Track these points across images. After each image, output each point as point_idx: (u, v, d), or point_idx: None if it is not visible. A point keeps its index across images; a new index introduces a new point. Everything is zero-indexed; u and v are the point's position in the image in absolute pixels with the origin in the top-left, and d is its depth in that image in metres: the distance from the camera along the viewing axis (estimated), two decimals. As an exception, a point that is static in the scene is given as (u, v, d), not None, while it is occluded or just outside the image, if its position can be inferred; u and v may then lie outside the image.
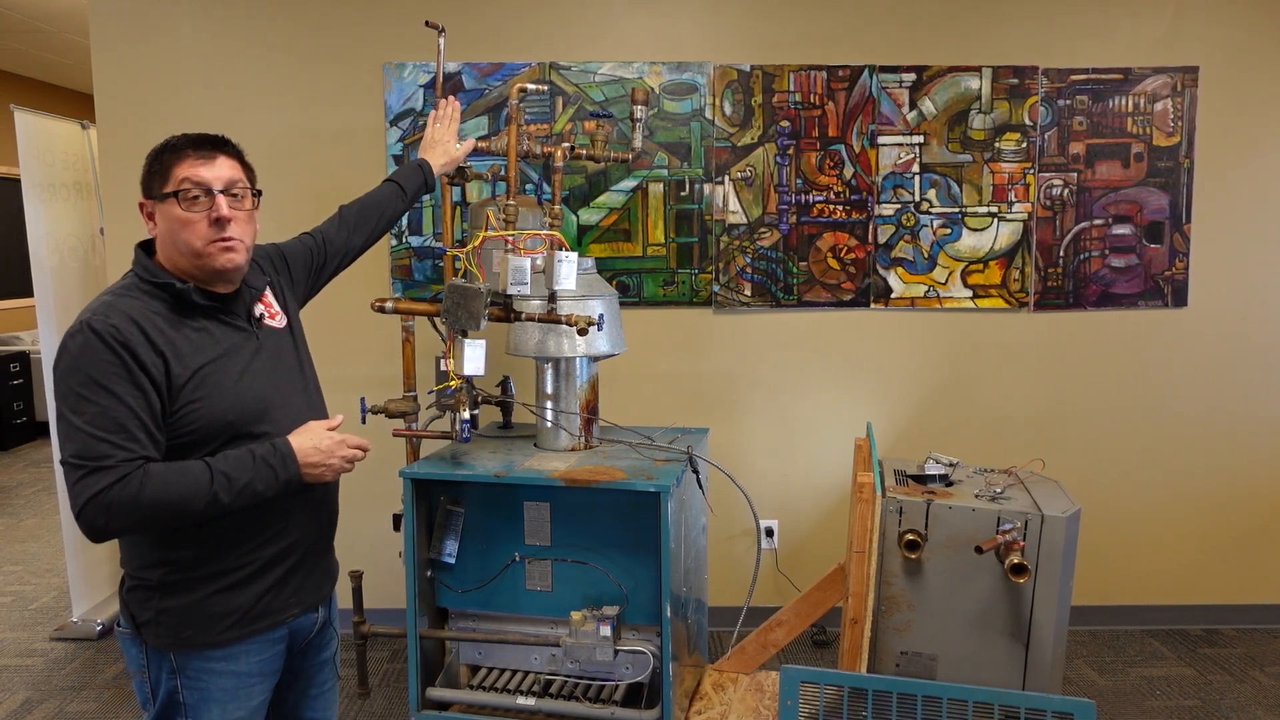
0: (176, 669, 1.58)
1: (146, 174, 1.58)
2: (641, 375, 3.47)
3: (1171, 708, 3.02)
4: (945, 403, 3.52)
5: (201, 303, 1.57)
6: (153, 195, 1.56)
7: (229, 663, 1.60)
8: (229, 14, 3.34)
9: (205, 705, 1.59)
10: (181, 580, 1.56)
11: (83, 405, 1.43)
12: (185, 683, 1.58)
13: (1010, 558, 2.10)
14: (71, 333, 1.46)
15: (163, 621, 1.56)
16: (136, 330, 1.47)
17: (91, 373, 1.43)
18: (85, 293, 3.68)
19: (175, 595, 1.56)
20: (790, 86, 3.37)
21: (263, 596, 1.62)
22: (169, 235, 1.55)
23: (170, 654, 1.58)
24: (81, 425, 1.42)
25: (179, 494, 1.45)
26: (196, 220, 1.54)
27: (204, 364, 1.54)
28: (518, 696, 2.50)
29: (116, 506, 1.42)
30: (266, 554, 1.62)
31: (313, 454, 1.58)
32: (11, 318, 7.73)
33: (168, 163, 1.56)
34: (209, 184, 1.54)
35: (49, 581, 4.23)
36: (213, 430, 1.53)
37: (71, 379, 1.44)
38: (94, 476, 1.42)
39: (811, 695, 2.08)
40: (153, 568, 1.56)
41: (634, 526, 2.43)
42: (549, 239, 2.34)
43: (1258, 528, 3.58)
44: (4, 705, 3.08)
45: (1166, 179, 3.42)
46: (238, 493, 1.50)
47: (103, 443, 1.42)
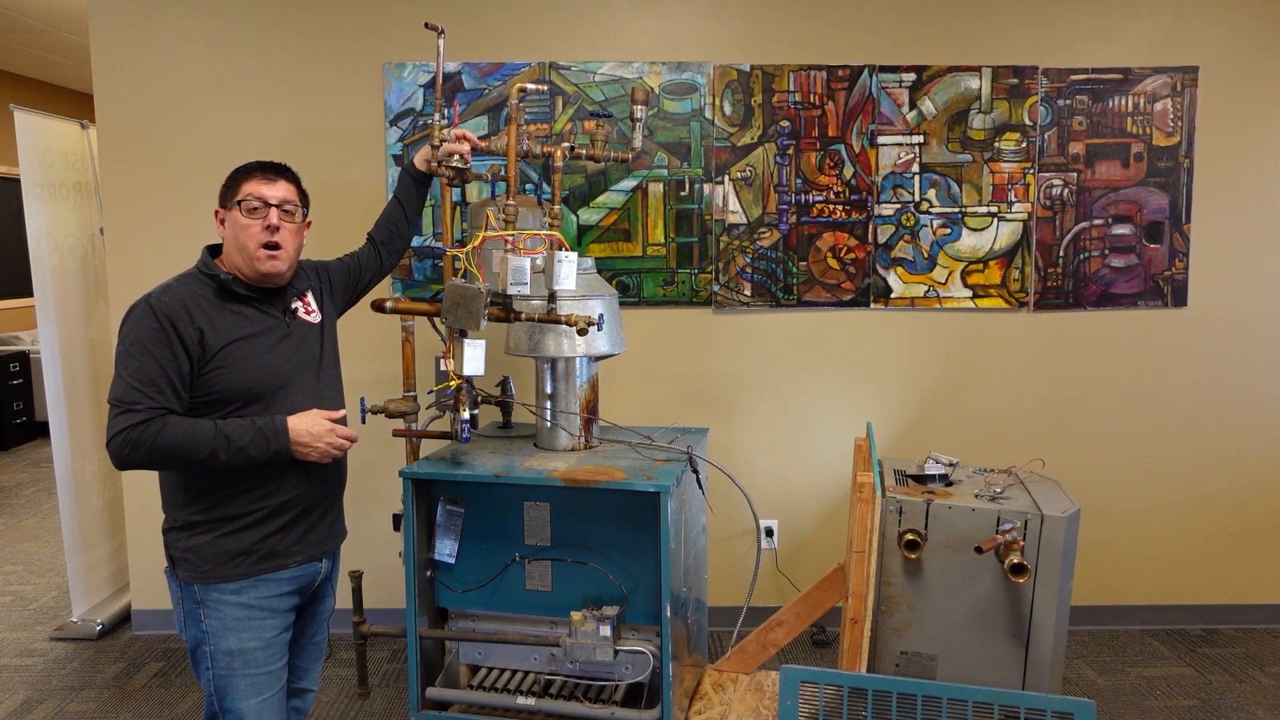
0: (199, 600, 1.91)
1: (224, 189, 1.95)
2: (641, 375, 3.47)
3: (1171, 707, 3.02)
4: (945, 403, 3.52)
5: (241, 292, 1.92)
6: (225, 204, 1.94)
7: (239, 595, 1.91)
8: (229, 14, 3.34)
9: (222, 632, 1.91)
10: (201, 521, 1.90)
11: (129, 361, 1.81)
12: (206, 612, 1.91)
13: (1010, 558, 2.10)
14: (134, 305, 1.84)
15: (188, 558, 1.90)
16: (182, 309, 1.84)
17: (140, 337, 1.81)
18: (85, 293, 3.68)
19: (197, 535, 1.90)
20: (790, 86, 3.38)
21: (266, 539, 1.93)
22: (232, 237, 1.92)
23: (194, 586, 1.91)
24: (125, 376, 1.80)
25: (185, 443, 1.80)
26: (253, 227, 1.91)
27: (235, 339, 1.89)
28: (518, 696, 2.51)
29: (135, 443, 1.78)
30: (269, 504, 1.93)
31: (303, 435, 1.90)
32: (11, 318, 7.73)
33: (239, 179, 1.94)
34: (267, 199, 1.92)
35: (49, 581, 4.23)
36: (233, 394, 1.87)
37: (126, 340, 1.82)
38: (124, 416, 1.78)
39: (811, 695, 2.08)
40: (180, 509, 1.91)
41: (634, 526, 2.43)
42: (549, 239, 2.34)
43: (1257, 527, 3.58)
44: (4, 705, 3.08)
45: (1166, 179, 3.42)
46: (234, 453, 1.83)
47: (136, 391, 1.79)
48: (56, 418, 3.53)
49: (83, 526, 3.63)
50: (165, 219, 3.40)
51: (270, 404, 1.91)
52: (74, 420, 3.59)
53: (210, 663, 1.91)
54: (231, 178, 1.95)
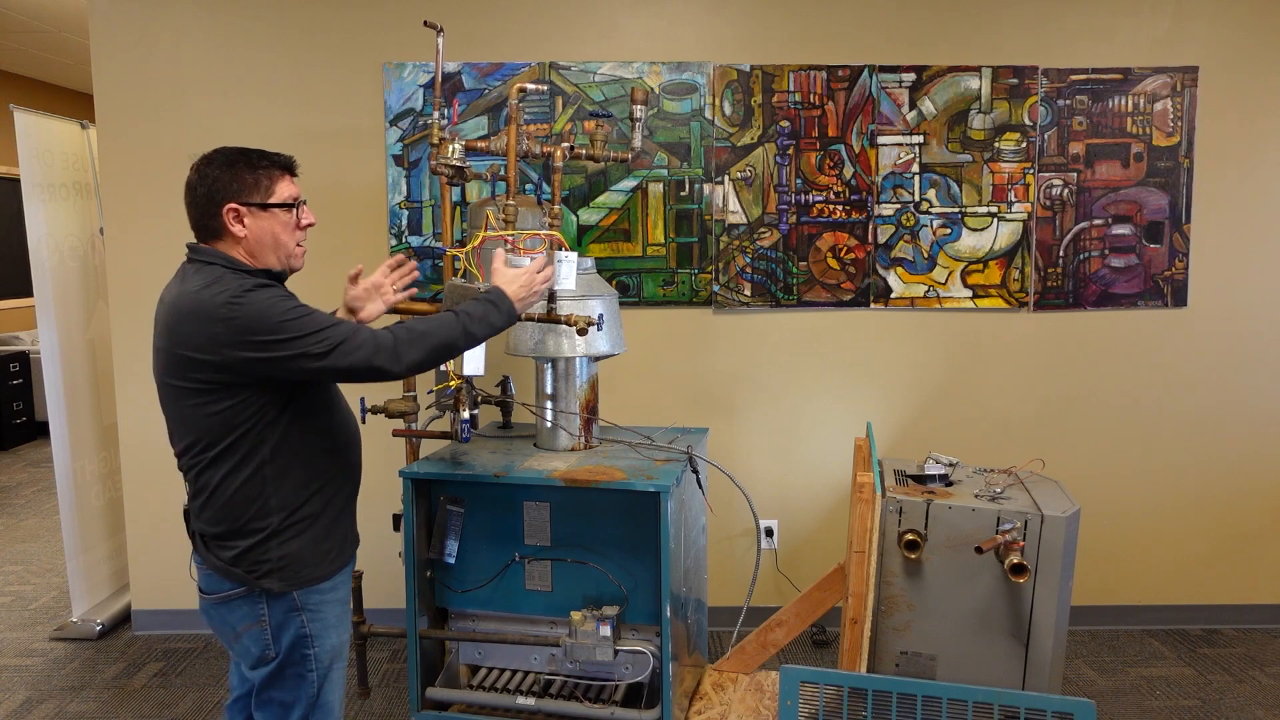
0: (300, 606, 1.84)
1: (239, 185, 1.80)
2: (641, 375, 3.47)
3: (1171, 708, 3.02)
4: (945, 403, 3.52)
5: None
6: (251, 203, 1.81)
7: (335, 591, 1.90)
8: (229, 14, 3.34)
9: (325, 633, 1.87)
10: (296, 522, 1.82)
11: (301, 319, 1.72)
12: (309, 616, 1.85)
13: (1010, 558, 2.10)
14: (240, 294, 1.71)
15: (286, 565, 1.81)
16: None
17: (284, 304, 1.73)
18: (85, 293, 3.68)
19: (293, 539, 1.82)
20: (790, 86, 3.38)
21: (348, 530, 1.95)
22: (268, 238, 1.83)
23: (294, 594, 1.83)
24: (316, 327, 1.72)
25: (433, 328, 1.84)
26: (293, 226, 1.87)
27: None
28: (518, 696, 2.51)
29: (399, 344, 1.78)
30: (346, 490, 1.94)
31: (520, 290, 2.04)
32: (11, 318, 7.73)
33: (272, 179, 1.85)
34: (298, 197, 1.89)
35: (49, 581, 4.23)
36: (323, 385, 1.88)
37: (273, 316, 1.70)
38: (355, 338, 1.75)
39: (811, 695, 2.08)
40: (269, 515, 1.80)
41: (634, 526, 2.43)
42: (549, 239, 2.34)
43: (1257, 527, 3.58)
44: (4, 705, 3.08)
45: (1166, 179, 3.42)
46: (478, 322, 1.91)
47: (338, 325, 1.75)
48: (56, 418, 3.53)
49: (83, 526, 3.63)
50: (165, 219, 3.40)
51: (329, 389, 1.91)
52: (74, 420, 3.59)
53: (314, 665, 1.86)
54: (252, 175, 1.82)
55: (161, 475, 3.45)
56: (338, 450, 1.91)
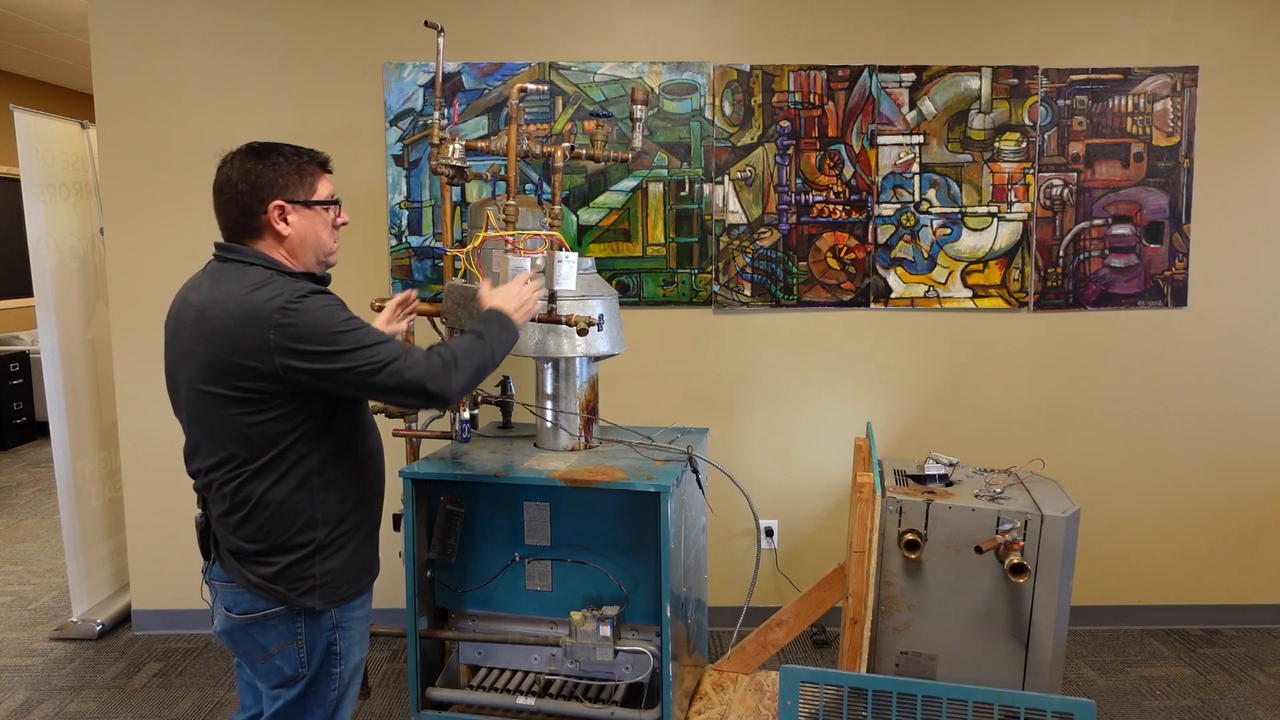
0: (336, 624, 1.80)
1: (285, 182, 1.76)
2: (641, 375, 3.47)
3: (1171, 708, 3.02)
4: (945, 403, 3.52)
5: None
6: (296, 200, 1.77)
7: (363, 608, 1.87)
8: (229, 14, 3.34)
9: (350, 650, 1.85)
10: (338, 537, 1.78)
11: (357, 331, 1.68)
12: (341, 634, 1.82)
13: (1010, 558, 2.10)
14: (291, 304, 1.65)
15: (328, 582, 1.77)
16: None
17: (339, 314, 1.69)
18: (85, 293, 3.68)
19: (335, 554, 1.78)
20: (790, 86, 3.38)
21: (376, 544, 1.92)
22: (311, 236, 1.80)
23: (332, 611, 1.79)
24: (370, 342, 1.68)
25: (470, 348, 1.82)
26: (330, 225, 1.85)
27: None
28: (518, 696, 2.51)
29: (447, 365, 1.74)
30: (378, 504, 1.92)
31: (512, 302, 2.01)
32: (11, 318, 7.73)
33: (314, 176, 1.82)
34: (334, 195, 1.87)
35: (49, 581, 4.23)
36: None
37: (329, 326, 1.66)
38: (409, 358, 1.70)
39: (811, 695, 2.08)
40: (312, 529, 1.75)
41: (634, 526, 2.43)
42: (549, 239, 2.34)
43: (1257, 527, 3.58)
44: (4, 705, 3.08)
45: (1166, 179, 3.42)
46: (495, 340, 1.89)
47: (391, 343, 1.71)
48: (56, 418, 3.53)
49: (83, 526, 3.63)
50: (165, 219, 3.40)
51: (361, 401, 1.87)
52: (74, 420, 3.59)
53: (336, 683, 1.83)
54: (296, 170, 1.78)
55: (161, 475, 3.45)
56: (371, 461, 1.88)
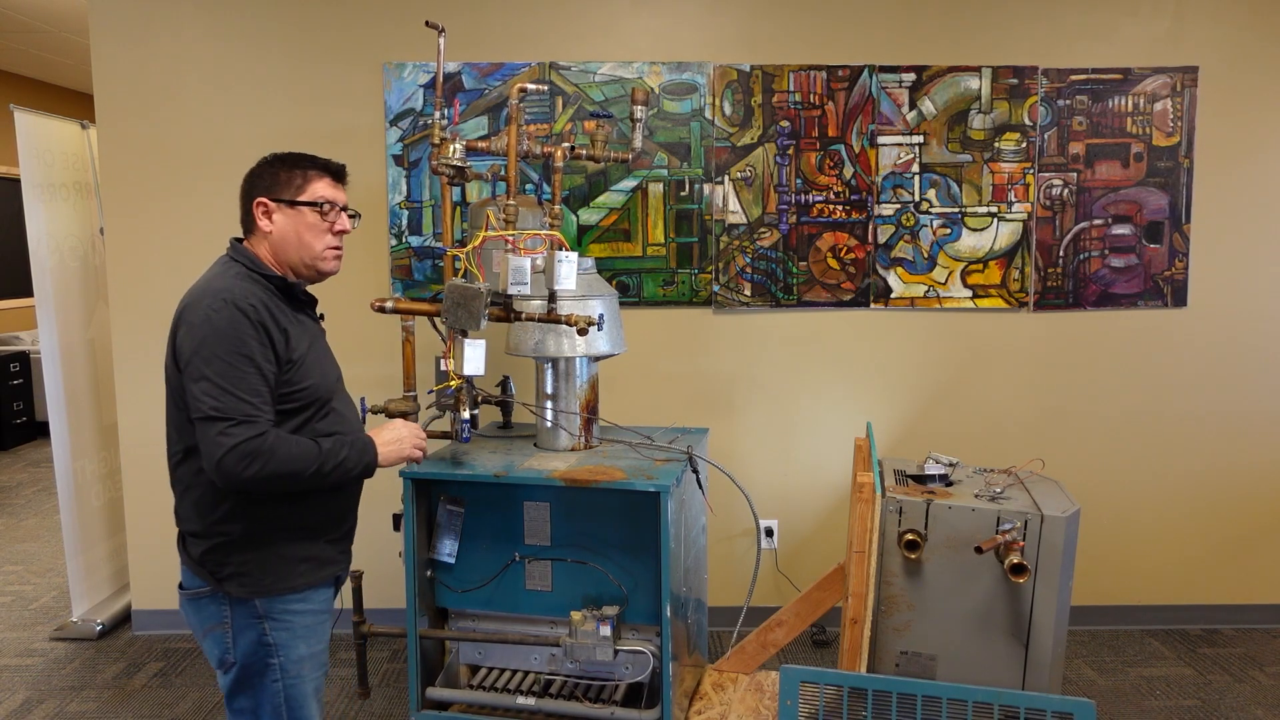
0: (263, 614, 1.80)
1: (272, 180, 1.83)
2: (641, 375, 3.47)
3: (1171, 707, 3.02)
4: (945, 403, 3.52)
5: (301, 297, 1.88)
6: (280, 199, 1.82)
7: (304, 603, 1.84)
8: (229, 14, 3.34)
9: (293, 642, 1.83)
10: (262, 531, 1.78)
11: (229, 370, 1.67)
12: (272, 625, 1.81)
13: (1010, 557, 2.10)
14: (215, 308, 1.70)
15: (247, 572, 1.78)
16: (268, 313, 1.74)
17: (237, 344, 1.68)
18: (85, 293, 3.68)
19: (256, 547, 1.78)
20: (790, 86, 3.38)
21: (332, 551, 1.89)
22: (292, 236, 1.83)
23: (255, 601, 1.79)
24: (228, 387, 1.67)
25: (297, 455, 1.71)
26: (322, 227, 1.85)
27: (306, 349, 1.82)
28: (518, 696, 2.51)
29: (255, 455, 1.66)
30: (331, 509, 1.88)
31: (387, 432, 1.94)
32: (11, 318, 7.73)
33: (306, 178, 1.84)
34: (337, 202, 1.87)
35: (49, 581, 4.23)
36: (309, 402, 1.81)
37: (218, 346, 1.68)
38: (240, 428, 1.66)
39: (811, 695, 2.08)
40: (225, 523, 1.77)
41: (634, 526, 2.43)
42: (549, 239, 2.34)
43: (1257, 528, 3.58)
44: (4, 705, 3.08)
45: (1166, 179, 3.42)
46: (334, 467, 1.77)
47: (245, 403, 1.67)
48: (56, 418, 3.53)
49: (83, 526, 3.63)
50: (165, 219, 3.40)
51: (330, 411, 1.86)
52: (74, 420, 3.59)
53: (279, 674, 1.82)
54: (286, 171, 1.84)
55: (161, 475, 3.43)
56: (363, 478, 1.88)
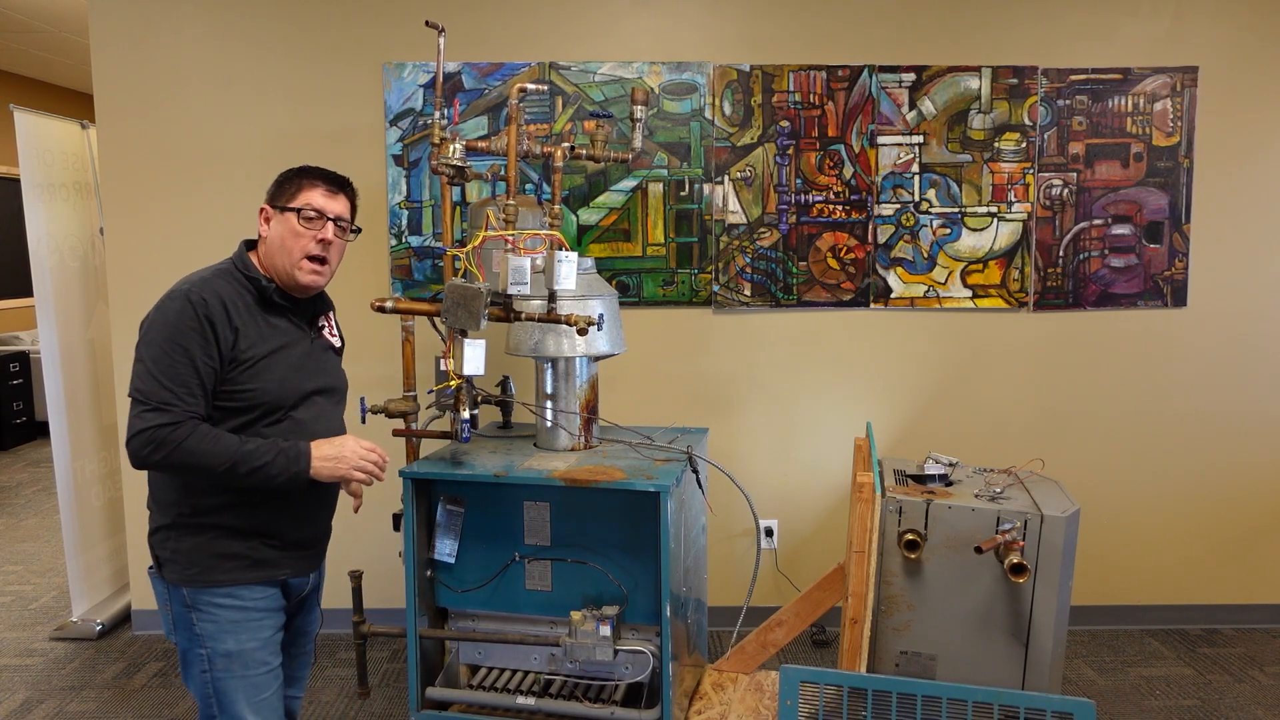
0: (190, 603, 1.84)
1: (276, 188, 1.90)
2: (641, 375, 3.47)
3: (1171, 707, 3.02)
4: (945, 403, 3.52)
5: (278, 301, 1.88)
6: (276, 205, 1.89)
7: (232, 599, 1.85)
8: (229, 14, 3.34)
9: (220, 634, 1.84)
10: (191, 524, 1.82)
11: (161, 357, 1.73)
12: (199, 616, 1.84)
13: (1010, 557, 2.11)
14: (171, 296, 1.77)
15: (177, 559, 1.83)
16: (221, 308, 1.77)
17: (177, 334, 1.74)
18: (85, 293, 3.68)
19: (187, 536, 1.83)
20: (790, 86, 3.38)
21: (274, 551, 1.88)
22: (279, 240, 1.87)
23: (183, 589, 1.83)
24: (156, 373, 1.73)
25: (209, 451, 1.73)
26: (305, 236, 1.87)
27: (268, 352, 1.83)
28: (517, 696, 2.50)
29: (159, 443, 1.71)
30: (265, 513, 1.86)
31: (326, 447, 1.84)
32: (11, 318, 7.73)
33: (299, 184, 1.89)
34: (325, 211, 1.88)
35: (49, 581, 4.23)
36: (254, 405, 1.81)
37: (159, 333, 1.74)
38: (153, 414, 1.71)
39: (811, 695, 2.08)
40: (170, 508, 1.83)
41: (634, 526, 2.43)
42: (549, 239, 2.34)
43: (1257, 527, 3.58)
44: (4, 705, 3.08)
45: (1166, 179, 3.42)
46: (251, 470, 1.75)
47: (167, 390, 1.72)
48: (56, 418, 3.53)
49: (83, 526, 3.63)
50: (165, 219, 3.40)
51: (284, 418, 1.84)
52: (74, 420, 3.59)
53: (207, 665, 1.84)
54: (287, 178, 1.90)
55: (161, 475, 3.45)
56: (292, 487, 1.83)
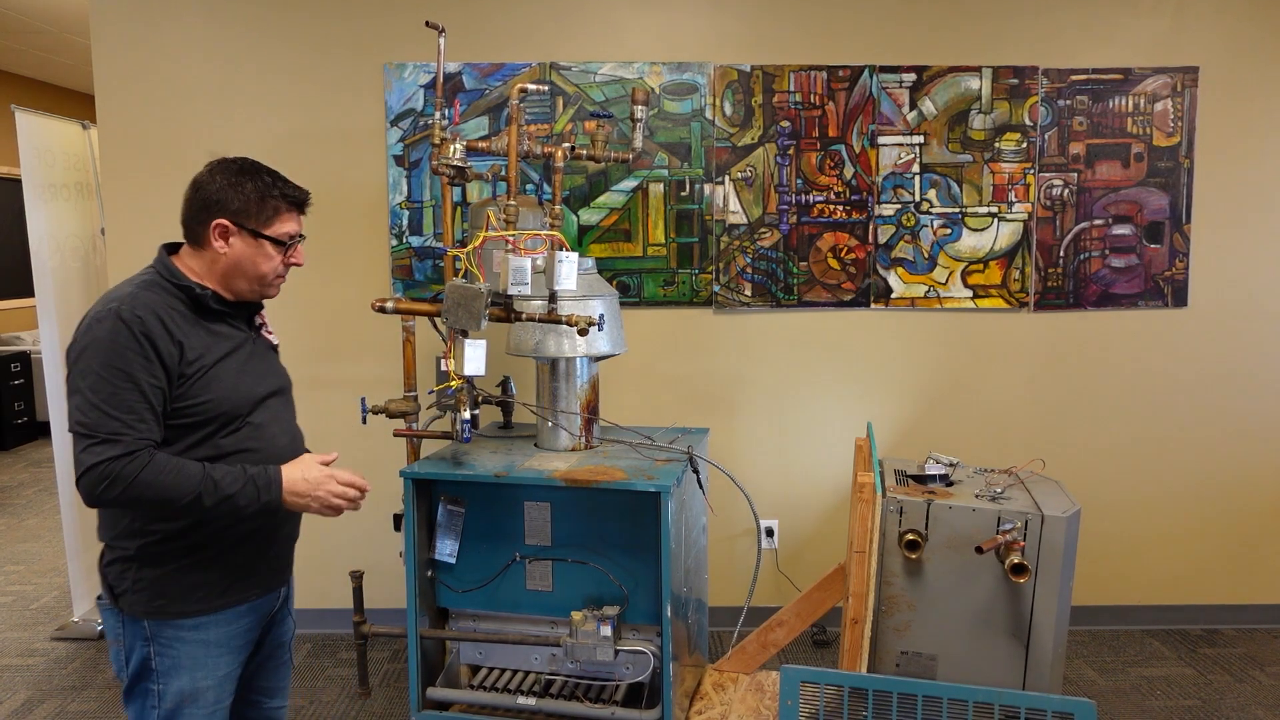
0: (150, 636, 1.72)
1: (241, 205, 1.72)
2: (642, 375, 3.47)
3: (1171, 708, 3.02)
4: (945, 403, 3.52)
5: (216, 307, 1.75)
6: (245, 227, 1.73)
7: (198, 632, 1.74)
8: (230, 15, 3.34)
9: (175, 671, 1.72)
10: (157, 552, 1.70)
11: (101, 384, 1.58)
12: (157, 649, 1.72)
13: (1010, 558, 2.11)
14: (99, 317, 1.62)
15: (139, 590, 1.70)
16: (158, 322, 1.64)
17: (113, 357, 1.59)
18: (86, 293, 3.68)
19: (151, 565, 1.70)
20: (790, 87, 3.38)
21: (241, 574, 1.78)
22: (247, 261, 1.74)
23: (145, 622, 1.71)
24: (98, 402, 1.58)
25: (170, 483, 1.60)
26: (276, 259, 1.77)
27: (214, 362, 1.71)
28: (518, 696, 2.51)
29: (115, 478, 1.57)
30: (235, 535, 1.76)
31: (300, 484, 1.73)
32: (12, 318, 7.73)
33: (277, 210, 1.76)
34: (294, 234, 1.79)
35: (50, 581, 4.23)
36: (210, 417, 1.70)
37: (94, 359, 1.59)
38: (102, 447, 1.57)
39: (812, 695, 2.08)
40: (131, 538, 1.71)
41: (634, 526, 2.43)
42: (549, 239, 2.35)
43: (1258, 528, 3.58)
44: (5, 705, 3.08)
45: (1166, 179, 3.42)
46: (219, 500, 1.64)
47: (115, 420, 1.58)
48: (57, 418, 3.53)
49: (84, 527, 3.63)
50: (166, 219, 3.37)
51: (242, 426, 1.73)
52: (75, 420, 3.59)
53: (156, 701, 1.72)
54: (259, 201, 1.73)
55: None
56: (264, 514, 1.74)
